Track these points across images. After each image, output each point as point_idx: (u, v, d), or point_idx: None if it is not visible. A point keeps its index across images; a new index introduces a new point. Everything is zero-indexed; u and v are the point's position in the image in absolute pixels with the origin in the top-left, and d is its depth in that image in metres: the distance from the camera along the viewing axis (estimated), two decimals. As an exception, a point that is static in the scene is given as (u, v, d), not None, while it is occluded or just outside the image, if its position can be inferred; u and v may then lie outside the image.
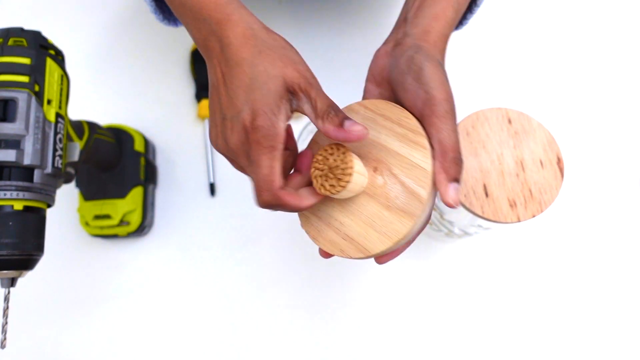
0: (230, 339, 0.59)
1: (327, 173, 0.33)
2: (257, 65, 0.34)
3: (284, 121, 0.34)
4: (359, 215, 0.34)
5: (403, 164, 0.33)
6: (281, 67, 0.34)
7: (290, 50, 0.36)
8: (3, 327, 0.39)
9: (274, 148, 0.33)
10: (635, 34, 0.70)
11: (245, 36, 0.35)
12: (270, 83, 0.33)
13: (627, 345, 0.59)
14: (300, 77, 0.34)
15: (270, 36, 0.36)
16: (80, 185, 0.60)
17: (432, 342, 0.59)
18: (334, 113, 0.33)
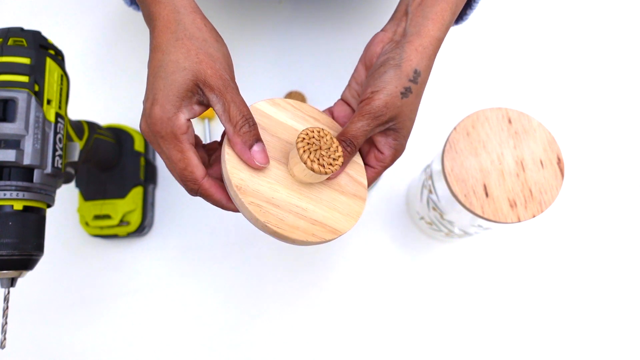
0: (230, 338, 0.59)
1: (321, 152, 0.33)
2: (170, 54, 0.33)
3: (186, 115, 0.33)
4: (319, 200, 0.36)
5: None
6: (195, 61, 0.33)
7: (211, 45, 0.34)
8: (3, 327, 0.39)
9: (177, 140, 0.33)
10: (635, 34, 0.70)
11: (167, 20, 0.34)
12: (177, 74, 0.32)
13: (627, 345, 0.59)
14: (214, 76, 0.33)
15: (195, 24, 0.34)
16: (80, 185, 0.60)
17: (433, 342, 0.59)
18: (247, 128, 0.32)
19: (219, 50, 0.35)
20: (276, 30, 0.69)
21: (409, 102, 0.36)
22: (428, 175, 0.52)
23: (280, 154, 0.36)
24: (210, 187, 0.34)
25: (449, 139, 0.45)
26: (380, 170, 0.39)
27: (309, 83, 0.67)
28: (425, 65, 0.36)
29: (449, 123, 0.66)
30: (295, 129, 0.38)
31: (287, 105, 0.38)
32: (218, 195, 0.34)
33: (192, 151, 0.33)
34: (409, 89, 0.36)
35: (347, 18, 0.70)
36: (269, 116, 0.37)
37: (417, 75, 0.36)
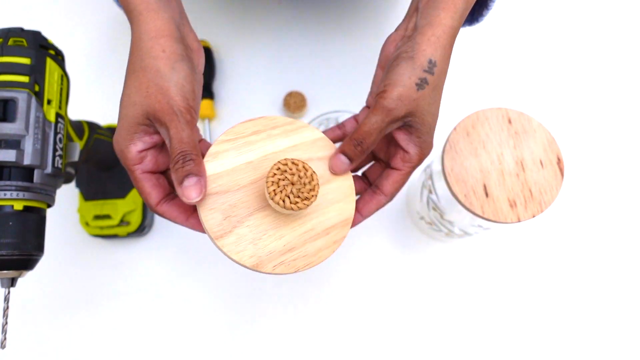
0: (231, 338, 0.59)
1: (293, 188, 0.32)
2: (126, 87, 0.34)
3: (138, 146, 0.34)
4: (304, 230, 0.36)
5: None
6: (144, 95, 0.33)
7: (164, 75, 0.33)
8: (3, 327, 0.39)
9: (130, 169, 0.35)
10: (635, 34, 0.70)
11: (132, 48, 0.35)
12: (129, 108, 0.34)
13: (627, 345, 0.59)
14: (160, 110, 0.33)
15: (151, 52, 0.34)
16: (80, 185, 0.60)
17: (433, 342, 0.59)
18: (180, 164, 0.32)
19: (172, 80, 0.33)
20: (276, 30, 0.69)
21: (426, 94, 0.35)
22: (428, 175, 0.52)
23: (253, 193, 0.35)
24: (165, 212, 0.35)
25: (449, 139, 0.45)
26: (408, 172, 0.37)
27: (309, 83, 0.67)
28: (440, 55, 0.35)
29: (449, 123, 0.66)
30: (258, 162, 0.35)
31: (240, 135, 0.36)
32: (173, 218, 0.36)
33: (143, 179, 0.35)
34: (424, 80, 0.35)
35: (347, 18, 0.70)
36: (220, 175, 0.34)
37: (433, 66, 0.35)
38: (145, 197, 0.35)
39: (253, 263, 0.33)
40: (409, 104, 0.34)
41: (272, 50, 0.68)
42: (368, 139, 0.35)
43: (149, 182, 0.35)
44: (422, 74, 0.34)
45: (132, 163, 0.34)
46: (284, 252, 0.34)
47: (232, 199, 0.34)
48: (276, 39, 0.69)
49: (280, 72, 0.68)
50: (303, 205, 0.32)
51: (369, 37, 0.69)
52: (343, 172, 0.36)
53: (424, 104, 0.35)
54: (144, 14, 0.34)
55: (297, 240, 0.35)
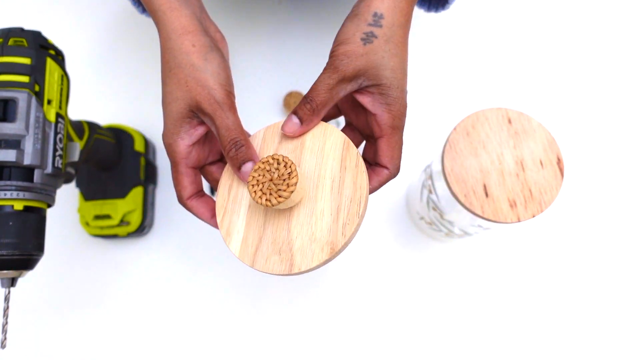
0: (231, 338, 0.59)
1: (272, 183, 0.33)
2: (167, 85, 0.36)
3: (186, 141, 0.36)
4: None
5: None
6: (186, 89, 0.35)
7: (199, 68, 0.35)
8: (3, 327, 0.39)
9: (176, 163, 0.37)
10: (635, 34, 0.70)
11: (163, 49, 0.36)
12: (173, 104, 0.35)
13: (627, 345, 0.59)
14: (203, 102, 0.34)
15: (182, 49, 0.35)
16: (80, 185, 0.60)
17: (433, 342, 0.59)
18: (234, 152, 0.34)
19: (207, 71, 0.35)
20: (276, 30, 0.69)
21: (376, 47, 0.34)
22: (428, 175, 0.52)
23: None
24: (193, 207, 0.38)
25: (449, 139, 0.45)
26: (389, 134, 0.35)
27: (309, 83, 0.67)
28: (388, 7, 0.34)
29: (449, 123, 0.66)
30: None
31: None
32: (200, 214, 0.38)
33: (185, 174, 0.37)
34: (370, 34, 0.34)
35: (347, 18, 0.70)
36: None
37: (379, 18, 0.34)
38: (180, 190, 0.37)
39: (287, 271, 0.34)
40: (356, 59, 0.34)
41: (272, 50, 0.68)
42: (317, 97, 0.34)
43: (189, 177, 0.37)
44: (366, 28, 0.34)
45: (180, 157, 0.36)
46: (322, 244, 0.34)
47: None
48: (276, 39, 0.69)
49: (280, 72, 0.68)
50: (279, 200, 0.32)
51: (369, 37, 0.69)
52: (293, 132, 0.35)
53: (375, 58, 0.34)
54: (168, 14, 0.36)
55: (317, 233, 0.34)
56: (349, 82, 0.34)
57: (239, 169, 0.34)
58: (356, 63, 0.34)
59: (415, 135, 0.65)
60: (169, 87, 0.36)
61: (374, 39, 0.34)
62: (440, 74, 0.67)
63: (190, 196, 0.37)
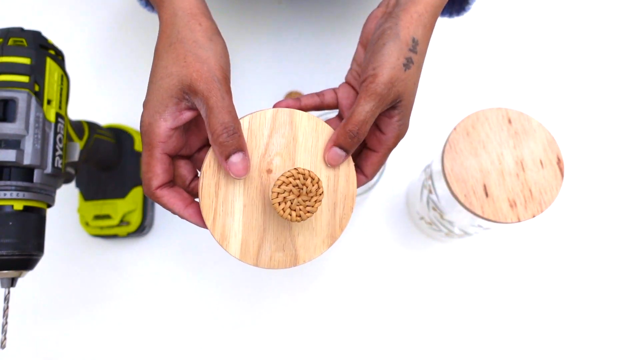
0: (231, 338, 0.59)
1: (299, 200, 0.32)
2: (162, 59, 0.33)
3: (169, 123, 0.33)
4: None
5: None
6: (183, 65, 0.32)
7: (202, 45, 0.33)
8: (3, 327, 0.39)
9: (151, 145, 0.33)
10: (635, 34, 0.70)
11: (166, 24, 0.34)
12: (165, 79, 0.33)
13: (627, 345, 0.59)
14: (199, 79, 0.32)
15: (188, 25, 0.34)
16: (80, 185, 0.60)
17: (433, 342, 0.59)
18: (225, 137, 0.31)
19: (211, 50, 0.33)
20: (276, 30, 0.69)
21: (412, 74, 0.34)
22: (428, 175, 0.52)
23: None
24: (162, 197, 0.34)
25: (449, 139, 0.45)
26: (383, 153, 0.37)
27: (309, 83, 0.67)
28: (422, 34, 0.34)
29: (449, 123, 0.66)
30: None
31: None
32: (170, 205, 0.35)
33: (159, 160, 0.34)
34: (410, 60, 0.33)
35: (347, 18, 0.70)
36: None
37: (416, 44, 0.34)
38: (149, 178, 0.34)
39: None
40: (399, 85, 0.33)
41: (272, 50, 0.68)
42: (363, 128, 0.34)
43: (163, 165, 0.34)
44: (407, 53, 0.33)
45: (158, 140, 0.33)
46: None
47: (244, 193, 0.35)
48: (276, 39, 0.69)
49: (280, 72, 0.68)
50: (307, 215, 0.32)
51: (369, 37, 0.69)
52: (340, 164, 0.35)
53: (410, 84, 0.34)
54: None
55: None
56: (385, 106, 0.34)
57: (227, 158, 0.32)
58: (398, 89, 0.33)
59: (415, 135, 0.65)
60: (164, 61, 0.33)
61: (411, 65, 0.34)
62: (440, 74, 0.67)
63: (160, 185, 0.34)
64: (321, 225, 0.36)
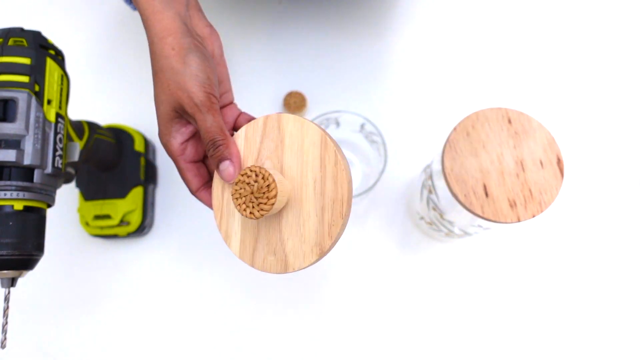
0: (231, 338, 0.59)
1: (252, 197, 0.33)
2: (155, 87, 0.37)
3: (178, 139, 0.38)
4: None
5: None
6: (168, 93, 0.36)
7: (178, 71, 0.36)
8: (3, 327, 0.39)
9: (176, 160, 0.38)
10: (635, 34, 0.70)
11: (150, 52, 0.38)
12: (160, 107, 0.37)
13: (627, 345, 0.59)
14: (185, 104, 0.36)
15: (163, 53, 0.36)
16: (80, 185, 0.60)
17: (433, 342, 0.59)
18: (212, 151, 0.35)
19: (187, 74, 0.36)
20: (276, 30, 0.69)
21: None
22: (428, 175, 0.52)
23: None
24: (203, 199, 0.39)
25: (449, 139, 0.45)
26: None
27: (309, 83, 0.67)
28: None
29: (449, 123, 0.66)
30: None
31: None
32: (210, 203, 0.39)
33: (186, 169, 0.38)
34: None
35: (347, 18, 0.70)
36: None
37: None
38: (187, 185, 0.39)
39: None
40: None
41: (272, 50, 0.68)
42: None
43: (191, 172, 0.39)
44: None
45: (176, 154, 0.38)
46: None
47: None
48: (276, 39, 0.69)
49: (280, 72, 0.68)
50: (261, 212, 0.32)
51: (368, 37, 0.69)
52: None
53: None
54: (151, 18, 0.37)
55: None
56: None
57: (217, 167, 0.36)
58: None
59: (415, 135, 0.65)
60: (156, 89, 0.37)
61: None
62: (440, 74, 0.67)
63: (198, 188, 0.39)
64: (309, 231, 0.34)
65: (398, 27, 0.69)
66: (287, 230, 0.35)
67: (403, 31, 0.69)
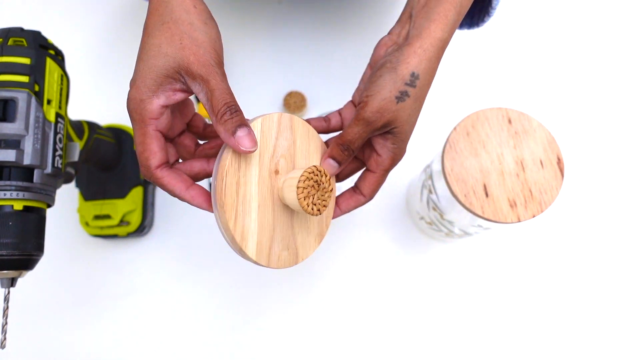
0: (230, 338, 0.59)
1: (318, 195, 0.35)
2: (154, 37, 0.33)
3: (161, 100, 0.33)
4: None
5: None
6: (178, 47, 0.32)
7: (198, 28, 0.33)
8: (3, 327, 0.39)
9: (144, 123, 0.33)
10: (635, 34, 0.70)
11: (158, 2, 0.34)
12: (158, 59, 0.33)
13: (627, 345, 0.59)
14: (196, 63, 0.32)
15: (183, 6, 0.34)
16: (80, 185, 0.60)
17: (433, 342, 0.59)
18: (229, 115, 0.32)
19: (206, 34, 0.34)
20: (276, 30, 0.69)
21: (406, 106, 0.35)
22: (428, 175, 0.52)
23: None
24: (163, 178, 0.34)
25: (449, 139, 0.45)
26: (382, 174, 0.39)
27: (309, 83, 0.67)
28: (425, 68, 0.35)
29: (449, 123, 0.66)
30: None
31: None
32: (171, 186, 0.34)
33: (154, 137, 0.34)
34: (405, 93, 0.35)
35: (347, 18, 0.70)
36: None
37: (415, 79, 0.35)
38: (147, 157, 0.34)
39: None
40: (387, 115, 0.35)
41: (272, 50, 0.68)
42: (353, 145, 0.37)
43: (159, 142, 0.34)
44: (403, 87, 0.35)
45: (150, 116, 0.33)
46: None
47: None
48: (276, 39, 0.69)
49: (280, 72, 0.68)
50: (324, 209, 0.35)
51: (368, 37, 0.69)
52: (333, 174, 0.38)
53: (403, 115, 0.36)
54: None
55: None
56: (376, 131, 0.36)
57: (234, 133, 0.32)
58: (387, 118, 0.35)
59: (416, 135, 0.65)
60: (156, 39, 0.33)
61: (406, 98, 0.35)
62: (440, 74, 0.67)
63: (159, 165, 0.34)
64: (314, 224, 0.39)
65: (398, 27, 0.69)
66: (297, 225, 0.37)
67: (403, 31, 0.69)
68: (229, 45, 0.68)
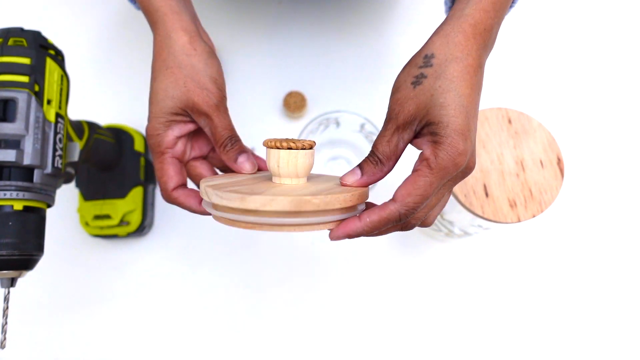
0: (231, 338, 0.59)
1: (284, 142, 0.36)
2: (160, 82, 0.37)
3: (176, 132, 0.38)
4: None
5: None
6: (183, 90, 0.37)
7: (200, 70, 0.37)
8: (3, 327, 0.39)
9: (161, 152, 0.38)
10: (635, 34, 0.70)
11: (160, 46, 0.38)
12: (166, 101, 0.37)
13: (627, 345, 0.59)
14: (201, 103, 0.37)
15: (184, 50, 0.37)
16: (80, 185, 0.60)
17: (433, 342, 0.59)
18: (230, 146, 0.37)
19: (208, 75, 0.37)
20: (276, 30, 0.69)
21: (425, 88, 0.32)
22: (428, 175, 0.52)
23: None
24: (179, 198, 0.38)
25: (449, 139, 0.45)
26: (424, 174, 0.31)
27: (309, 83, 0.67)
28: (439, 46, 0.32)
29: (449, 123, 0.65)
30: None
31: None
32: (187, 203, 0.38)
33: (171, 163, 0.38)
34: (420, 76, 0.32)
35: (347, 18, 0.70)
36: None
37: (429, 59, 0.32)
38: (165, 181, 0.38)
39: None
40: (408, 104, 0.32)
41: (272, 50, 0.68)
42: (377, 149, 0.34)
43: (175, 167, 0.39)
44: (416, 71, 0.33)
45: (166, 146, 0.38)
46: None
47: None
48: (276, 39, 0.69)
49: (280, 72, 0.68)
50: (293, 145, 0.33)
51: (369, 37, 0.69)
52: (352, 184, 0.34)
53: (424, 97, 0.31)
54: (169, 15, 0.38)
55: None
56: (404, 129, 0.33)
57: (235, 160, 0.37)
58: (407, 108, 0.32)
59: (415, 135, 0.65)
60: (162, 83, 0.37)
61: (423, 80, 0.32)
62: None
63: (175, 187, 0.39)
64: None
65: (398, 27, 0.69)
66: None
67: (403, 31, 0.69)
68: (229, 45, 0.68)
